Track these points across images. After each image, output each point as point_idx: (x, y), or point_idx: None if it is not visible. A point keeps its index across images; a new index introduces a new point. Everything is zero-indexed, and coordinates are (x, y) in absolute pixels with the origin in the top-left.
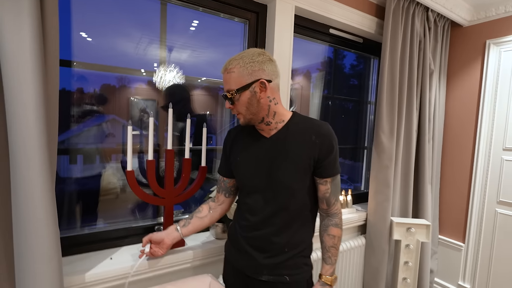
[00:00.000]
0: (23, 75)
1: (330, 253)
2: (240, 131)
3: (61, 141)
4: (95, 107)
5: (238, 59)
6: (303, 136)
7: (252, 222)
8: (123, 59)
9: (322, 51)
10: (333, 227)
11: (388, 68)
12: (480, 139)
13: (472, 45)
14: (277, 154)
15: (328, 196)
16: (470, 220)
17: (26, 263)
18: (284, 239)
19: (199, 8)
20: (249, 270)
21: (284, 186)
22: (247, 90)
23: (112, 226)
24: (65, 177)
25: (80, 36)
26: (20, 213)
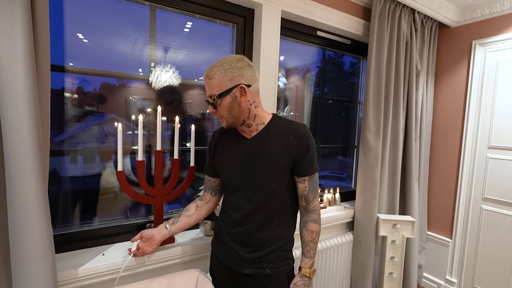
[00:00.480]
0: (16, 82)
1: (309, 247)
2: (224, 132)
3: (61, 141)
4: (95, 107)
5: (218, 66)
6: (282, 137)
7: (235, 219)
8: (119, 60)
9: (316, 51)
10: (312, 222)
11: (374, 69)
12: (466, 137)
13: (459, 46)
14: (257, 154)
15: (306, 194)
16: (457, 216)
17: (21, 259)
18: (265, 234)
19: (188, 13)
20: (232, 263)
21: (264, 184)
22: (228, 95)
23: (104, 224)
24: (65, 176)
25: (77, 37)
26: (15, 212)
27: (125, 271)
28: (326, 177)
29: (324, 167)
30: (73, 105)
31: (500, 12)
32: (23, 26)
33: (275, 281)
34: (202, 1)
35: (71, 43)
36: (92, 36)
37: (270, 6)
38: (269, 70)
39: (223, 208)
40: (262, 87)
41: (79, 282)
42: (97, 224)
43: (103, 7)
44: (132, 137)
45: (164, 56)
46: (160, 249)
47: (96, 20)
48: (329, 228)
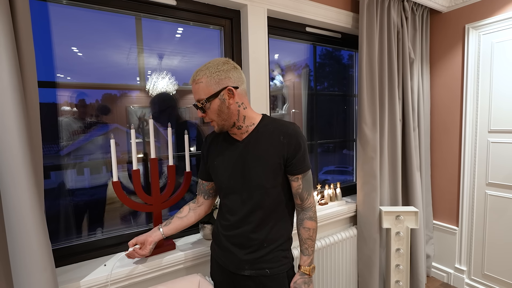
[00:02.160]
0: (4, 100)
1: (307, 244)
2: (216, 136)
3: (67, 154)
4: (98, 117)
5: (205, 70)
6: (272, 137)
7: (231, 221)
8: (115, 70)
9: (310, 47)
10: (308, 220)
11: (366, 61)
12: (466, 123)
13: (452, 31)
14: (249, 155)
15: (300, 192)
16: (462, 203)
17: (22, 274)
18: (262, 235)
19: (173, 20)
20: (232, 266)
21: (257, 185)
22: (216, 98)
23: (107, 234)
24: (71, 188)
25: (72, 51)
26: (13, 230)
27: (127, 280)
28: (331, 172)
29: (329, 162)
30: (75, 118)
31: None
32: (7, 46)
33: (275, 281)
34: (187, 7)
35: (66, 57)
36: (86, 50)
37: (255, 6)
38: (259, 70)
39: (220, 211)
40: (254, 87)
41: None
42: (100, 235)
43: (93, 21)
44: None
45: (159, 63)
46: (161, 256)
47: (88, 34)
48: (332, 224)
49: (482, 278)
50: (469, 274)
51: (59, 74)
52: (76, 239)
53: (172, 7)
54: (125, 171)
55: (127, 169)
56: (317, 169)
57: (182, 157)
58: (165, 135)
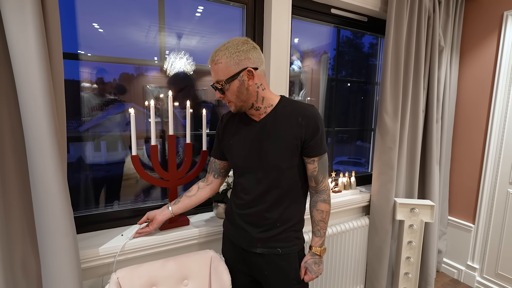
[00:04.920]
0: (31, 70)
1: (319, 226)
2: (232, 116)
3: (85, 130)
4: (116, 96)
5: (224, 50)
6: (290, 119)
7: (246, 200)
8: (135, 49)
9: (332, 32)
10: (322, 202)
11: (393, 47)
12: (493, 118)
13: (488, 18)
14: (267, 136)
15: (316, 174)
16: (480, 200)
17: (46, 239)
18: (276, 214)
19: None
20: (244, 243)
21: (274, 166)
22: (236, 79)
23: (123, 206)
24: (90, 163)
25: (93, 27)
26: (38, 196)
27: (141, 250)
28: (344, 163)
29: (342, 153)
30: (94, 94)
31: None
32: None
33: (286, 260)
34: None
35: (88, 33)
36: (107, 26)
37: None
38: (281, 52)
39: (234, 190)
40: (274, 69)
41: (100, 260)
42: (117, 206)
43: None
44: (149, 125)
45: (178, 43)
46: (175, 230)
47: (110, 10)
48: (344, 212)
49: (495, 277)
50: (481, 272)
51: (80, 51)
52: (95, 209)
53: None
54: (141, 150)
55: (144, 148)
56: (332, 157)
57: (198, 136)
58: (180, 116)
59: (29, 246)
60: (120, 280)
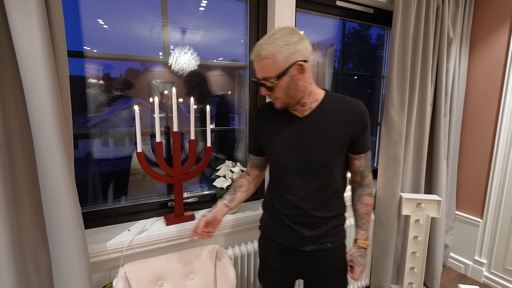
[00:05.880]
0: (36, 68)
1: (364, 219)
2: (270, 110)
3: (93, 125)
4: (122, 91)
5: (271, 43)
6: (339, 115)
7: (292, 201)
8: (139, 44)
9: (338, 24)
10: (367, 196)
11: (400, 39)
12: (503, 112)
13: (500, 8)
14: (314, 133)
15: (362, 170)
16: (489, 195)
17: (56, 234)
18: (324, 212)
19: None
20: (294, 243)
21: (324, 164)
22: (286, 75)
23: (130, 202)
24: (98, 158)
25: (98, 23)
26: (46, 192)
27: (148, 245)
28: None
29: None
30: (101, 90)
31: None
32: (38, 14)
33: (335, 253)
34: None
35: (92, 29)
36: (112, 22)
37: None
38: None
39: (274, 189)
40: None
41: (108, 254)
42: (124, 202)
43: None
44: (154, 120)
45: (182, 38)
46: (180, 225)
47: (113, 5)
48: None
49: (503, 272)
50: (489, 267)
51: (85, 47)
52: (103, 204)
53: None
54: (147, 145)
55: (150, 143)
56: None
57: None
58: (186, 111)
59: (39, 241)
60: (127, 274)
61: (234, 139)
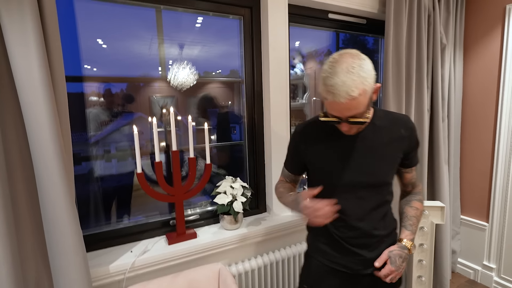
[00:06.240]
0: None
1: (411, 221)
2: (312, 127)
3: (94, 142)
4: (124, 106)
5: (357, 79)
6: (392, 131)
7: (348, 222)
8: (138, 61)
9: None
10: (417, 201)
11: (393, 48)
12: (502, 114)
13: (490, 12)
14: (369, 150)
15: (414, 181)
16: (493, 198)
17: (57, 259)
18: (382, 230)
19: (193, 11)
20: (358, 267)
21: (381, 182)
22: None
23: (132, 221)
24: (99, 176)
25: (97, 43)
26: (48, 218)
27: (151, 266)
28: None
29: None
30: (102, 109)
31: None
32: (36, 44)
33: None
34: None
35: (92, 49)
36: (111, 41)
37: None
38: (280, 60)
39: None
40: (274, 77)
41: (111, 277)
42: (126, 221)
43: (115, 13)
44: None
45: (180, 53)
46: (183, 244)
47: (111, 26)
48: None
49: None
50: (499, 272)
51: (86, 65)
52: (105, 224)
53: None
54: (148, 159)
55: (150, 160)
56: None
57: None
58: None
59: (41, 268)
60: None
61: (234, 154)
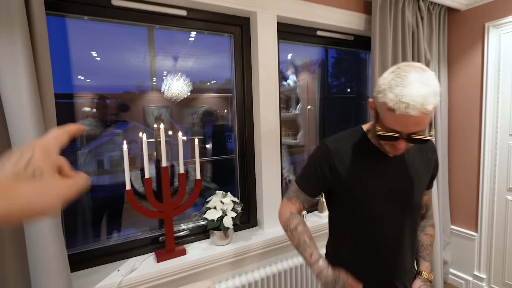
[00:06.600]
0: (23, 118)
1: (428, 250)
2: (349, 144)
3: (87, 152)
4: (118, 116)
5: (432, 93)
6: (422, 153)
7: (385, 255)
8: (131, 72)
9: None
10: (430, 227)
11: (379, 63)
12: (485, 126)
13: (471, 30)
14: (407, 173)
15: (429, 204)
16: (481, 209)
17: (40, 281)
18: (413, 261)
19: (184, 29)
20: None
21: (417, 207)
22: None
23: (121, 239)
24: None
25: (91, 55)
26: (32, 240)
27: (139, 285)
28: None
29: None
30: (97, 117)
31: None
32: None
33: None
34: (197, 16)
35: (86, 61)
36: (104, 54)
37: (265, 13)
38: (269, 76)
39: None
40: (264, 92)
41: None
42: (115, 238)
43: (109, 30)
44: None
45: (174, 65)
46: (172, 261)
47: (105, 41)
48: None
49: (503, 286)
50: (489, 282)
51: (80, 76)
52: (94, 241)
53: (182, 17)
54: (137, 171)
55: (141, 172)
56: None
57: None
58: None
59: None
60: None
61: (226, 166)
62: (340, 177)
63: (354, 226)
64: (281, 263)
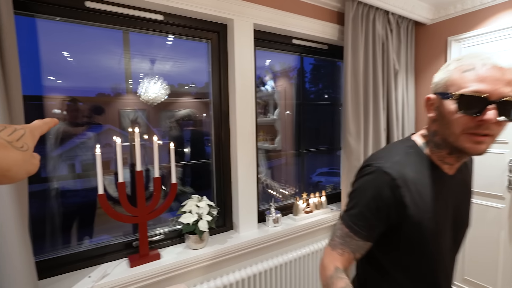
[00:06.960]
0: None
1: None
2: (414, 170)
3: (58, 155)
4: (91, 118)
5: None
6: (469, 167)
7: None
8: (106, 74)
9: None
10: None
11: (351, 72)
12: None
13: (435, 43)
14: (463, 195)
15: None
16: None
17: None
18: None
19: (161, 34)
20: None
21: (467, 230)
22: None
23: (93, 244)
24: (65, 190)
25: (62, 56)
26: None
27: None
28: (325, 174)
29: (323, 163)
30: (68, 120)
31: (472, 8)
32: None
33: None
34: (174, 21)
35: (57, 62)
36: (77, 55)
37: (241, 21)
38: (246, 82)
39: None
40: (240, 98)
41: None
42: (87, 243)
43: (83, 31)
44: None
45: (152, 68)
46: (146, 266)
47: (79, 42)
48: (317, 231)
49: (463, 282)
50: None
51: (50, 77)
52: (64, 246)
53: (159, 21)
54: (111, 174)
55: (115, 177)
56: (303, 174)
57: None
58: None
59: None
60: None
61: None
62: (405, 212)
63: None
64: (256, 266)
